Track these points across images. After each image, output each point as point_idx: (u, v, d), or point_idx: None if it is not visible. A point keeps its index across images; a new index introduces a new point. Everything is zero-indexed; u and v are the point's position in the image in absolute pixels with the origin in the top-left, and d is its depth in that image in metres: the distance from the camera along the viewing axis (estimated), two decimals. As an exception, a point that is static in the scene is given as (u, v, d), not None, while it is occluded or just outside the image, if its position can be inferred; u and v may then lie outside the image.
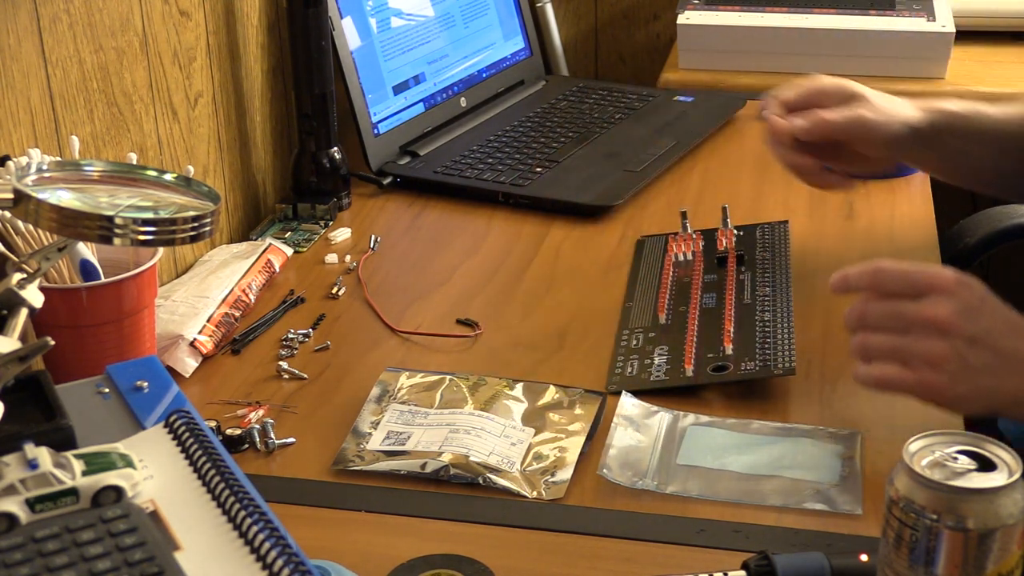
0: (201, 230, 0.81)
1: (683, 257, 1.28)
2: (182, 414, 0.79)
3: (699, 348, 1.11)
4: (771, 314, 1.16)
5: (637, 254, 1.32)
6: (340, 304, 1.25)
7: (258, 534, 0.68)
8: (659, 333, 1.15)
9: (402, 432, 1.01)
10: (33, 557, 0.66)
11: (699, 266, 1.26)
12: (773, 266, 1.25)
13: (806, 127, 1.20)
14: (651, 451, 0.99)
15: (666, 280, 1.24)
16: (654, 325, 1.17)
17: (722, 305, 1.18)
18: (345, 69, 1.50)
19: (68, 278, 1.05)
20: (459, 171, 1.52)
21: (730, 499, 0.94)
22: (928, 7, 1.89)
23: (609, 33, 2.19)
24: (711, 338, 1.13)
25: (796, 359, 1.08)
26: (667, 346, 1.13)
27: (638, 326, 1.17)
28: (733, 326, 1.14)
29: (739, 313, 1.16)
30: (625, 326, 1.18)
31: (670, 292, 1.21)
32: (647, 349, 1.13)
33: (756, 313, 1.16)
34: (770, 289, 1.20)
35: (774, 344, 1.11)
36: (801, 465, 0.98)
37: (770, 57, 1.86)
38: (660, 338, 1.14)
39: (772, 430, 1.02)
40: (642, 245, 1.34)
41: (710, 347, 1.11)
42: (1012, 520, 0.72)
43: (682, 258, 1.28)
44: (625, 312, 1.20)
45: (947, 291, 0.95)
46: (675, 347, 1.12)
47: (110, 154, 1.18)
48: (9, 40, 1.04)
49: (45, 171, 0.85)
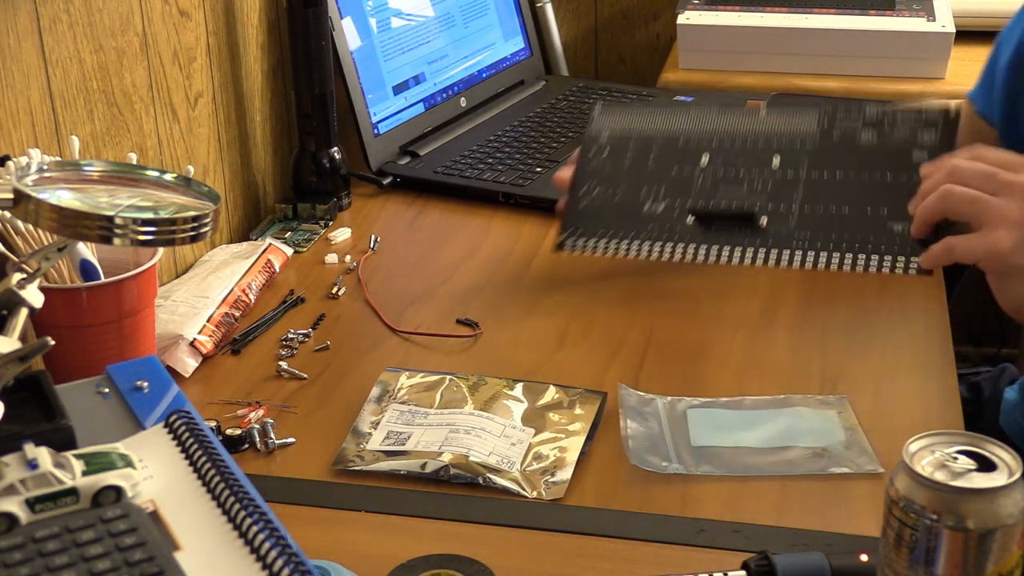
0: (201, 230, 0.81)
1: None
2: (182, 414, 0.79)
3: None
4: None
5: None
6: (340, 304, 1.25)
7: (258, 534, 0.68)
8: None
9: (402, 432, 1.01)
10: (33, 557, 0.66)
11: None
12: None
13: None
14: (663, 437, 1.00)
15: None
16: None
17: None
18: (345, 69, 1.50)
19: (68, 278, 1.05)
20: (459, 171, 1.52)
21: (762, 473, 0.96)
22: (928, 7, 1.89)
23: (609, 33, 2.19)
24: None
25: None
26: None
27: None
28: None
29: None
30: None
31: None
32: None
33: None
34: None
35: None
36: (809, 433, 1.00)
37: (770, 57, 1.86)
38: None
39: (766, 403, 1.04)
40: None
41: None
42: (1012, 520, 0.72)
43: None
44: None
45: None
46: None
47: (110, 154, 1.18)
48: (9, 40, 1.04)
49: (45, 171, 0.85)
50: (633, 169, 1.19)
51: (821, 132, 1.18)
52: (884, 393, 1.08)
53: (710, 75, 1.86)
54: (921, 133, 1.15)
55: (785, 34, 1.85)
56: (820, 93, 1.78)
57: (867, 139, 1.16)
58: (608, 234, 1.17)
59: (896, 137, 1.16)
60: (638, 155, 1.19)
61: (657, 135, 1.20)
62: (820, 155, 1.16)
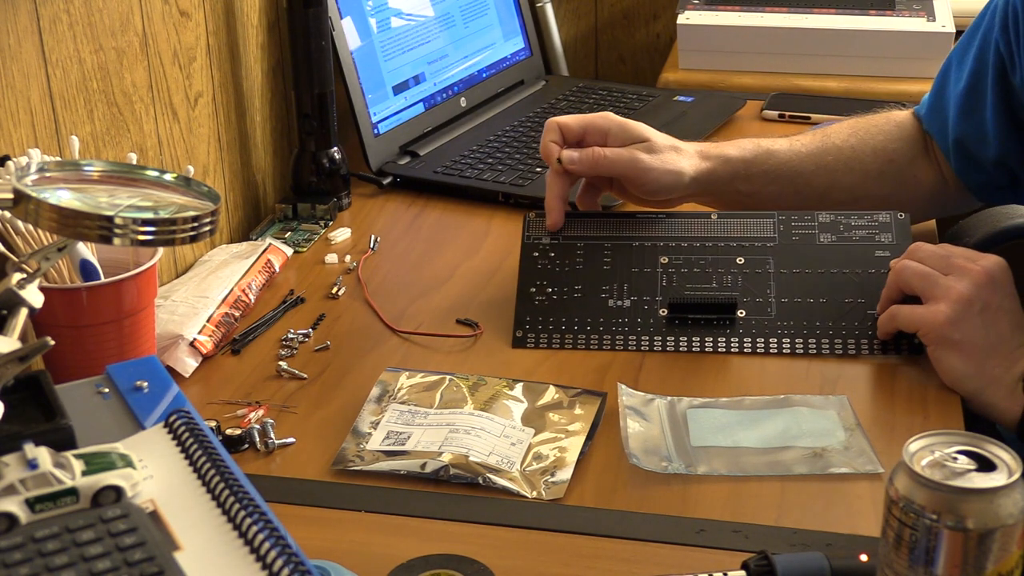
0: (201, 230, 0.81)
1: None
2: (182, 414, 0.79)
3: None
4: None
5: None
6: (340, 304, 1.25)
7: (258, 534, 0.68)
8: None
9: (402, 432, 1.01)
10: (33, 557, 0.66)
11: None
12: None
13: (575, 158, 1.21)
14: (663, 437, 1.00)
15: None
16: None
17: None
18: (345, 69, 1.50)
19: (68, 278, 1.05)
20: (459, 171, 1.52)
21: (759, 473, 0.96)
22: (928, 7, 1.89)
23: (609, 33, 2.19)
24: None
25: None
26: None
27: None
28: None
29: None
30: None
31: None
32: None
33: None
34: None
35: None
36: (808, 433, 1.00)
37: (770, 57, 1.86)
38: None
39: (765, 403, 1.04)
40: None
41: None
42: (1012, 520, 0.72)
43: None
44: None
45: (996, 261, 1.06)
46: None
47: (110, 154, 1.18)
48: (9, 40, 1.04)
49: (45, 171, 0.85)
50: (589, 269, 1.19)
51: (780, 234, 1.19)
52: (884, 393, 1.08)
53: (710, 75, 1.87)
54: (878, 235, 1.19)
55: (785, 34, 1.85)
56: (820, 93, 1.78)
57: (827, 240, 1.19)
58: (573, 328, 1.16)
59: (855, 237, 1.19)
60: (591, 256, 1.20)
61: (606, 239, 1.21)
62: (784, 254, 1.18)
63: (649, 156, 1.21)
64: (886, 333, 1.11)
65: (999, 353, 1.04)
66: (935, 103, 1.30)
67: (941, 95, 1.30)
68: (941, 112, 1.29)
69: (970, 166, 1.27)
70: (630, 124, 1.23)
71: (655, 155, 1.21)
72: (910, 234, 1.18)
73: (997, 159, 1.24)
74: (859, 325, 1.13)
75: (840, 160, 1.29)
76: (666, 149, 1.22)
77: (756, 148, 1.28)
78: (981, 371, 1.04)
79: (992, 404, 1.04)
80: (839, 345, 1.13)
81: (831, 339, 1.13)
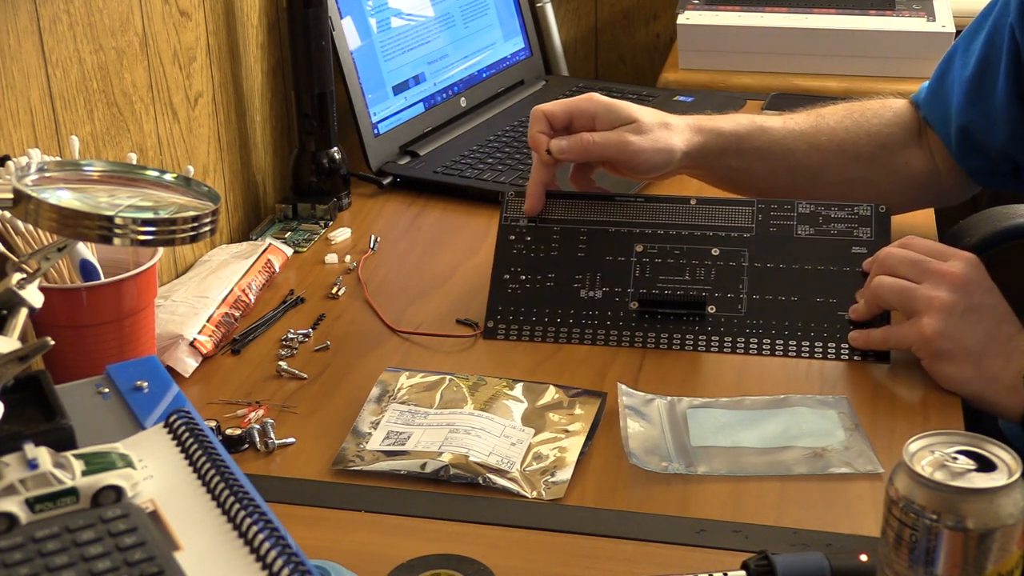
0: (201, 230, 0.81)
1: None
2: (182, 414, 0.79)
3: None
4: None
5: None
6: (340, 304, 1.25)
7: (258, 534, 0.68)
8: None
9: (402, 432, 1.01)
10: (33, 557, 0.66)
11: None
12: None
13: (564, 147, 1.20)
14: (663, 437, 1.00)
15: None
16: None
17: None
18: (345, 69, 1.50)
19: (68, 278, 1.05)
20: (459, 171, 1.52)
21: (759, 473, 0.96)
22: (928, 7, 1.89)
23: (609, 33, 2.19)
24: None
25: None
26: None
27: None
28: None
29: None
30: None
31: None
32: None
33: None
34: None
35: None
36: (808, 433, 1.00)
37: (770, 57, 1.86)
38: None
39: (765, 403, 1.04)
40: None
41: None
42: (1012, 520, 0.72)
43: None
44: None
45: (966, 259, 1.06)
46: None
47: (110, 154, 1.18)
48: (9, 40, 1.04)
49: (45, 171, 0.85)
50: (563, 256, 1.19)
51: (757, 224, 1.19)
52: (884, 393, 1.08)
53: (710, 75, 1.87)
54: (857, 230, 1.18)
55: (785, 34, 1.85)
56: (820, 93, 1.78)
57: (805, 233, 1.19)
58: (543, 320, 1.16)
59: (833, 231, 1.18)
60: (566, 241, 1.20)
61: (583, 223, 1.21)
62: (760, 246, 1.18)
63: (638, 137, 1.20)
64: (864, 343, 1.11)
65: (992, 350, 1.04)
66: (936, 89, 1.30)
67: (943, 82, 1.29)
68: (943, 99, 1.29)
69: (973, 152, 1.27)
70: (617, 105, 1.22)
71: (644, 135, 1.20)
72: (890, 229, 1.18)
73: (1003, 145, 1.24)
74: (828, 327, 1.13)
75: (833, 141, 1.29)
76: (655, 128, 1.21)
77: (750, 124, 1.27)
78: (978, 372, 1.04)
79: (995, 402, 1.04)
80: (806, 348, 1.12)
81: (798, 340, 1.13)
